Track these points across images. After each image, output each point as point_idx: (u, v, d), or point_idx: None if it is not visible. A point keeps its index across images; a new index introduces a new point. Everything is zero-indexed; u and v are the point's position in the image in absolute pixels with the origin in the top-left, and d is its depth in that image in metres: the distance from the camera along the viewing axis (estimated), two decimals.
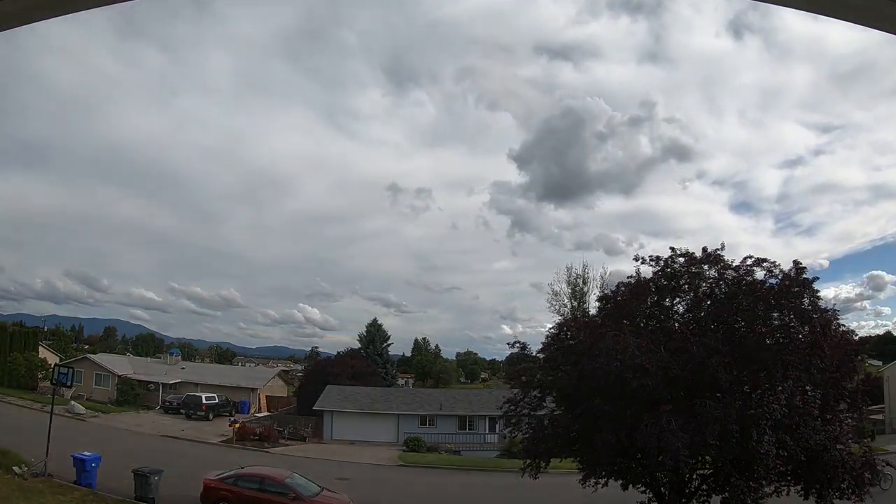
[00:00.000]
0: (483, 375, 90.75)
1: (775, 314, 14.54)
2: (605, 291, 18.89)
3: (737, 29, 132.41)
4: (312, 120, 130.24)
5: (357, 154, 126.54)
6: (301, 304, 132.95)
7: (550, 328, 17.32)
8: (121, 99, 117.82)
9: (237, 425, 33.01)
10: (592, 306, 32.95)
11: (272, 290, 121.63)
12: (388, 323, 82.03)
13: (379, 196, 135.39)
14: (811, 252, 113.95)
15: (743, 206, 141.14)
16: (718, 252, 15.29)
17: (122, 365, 47.37)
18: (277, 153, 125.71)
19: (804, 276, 14.50)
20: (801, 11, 2.98)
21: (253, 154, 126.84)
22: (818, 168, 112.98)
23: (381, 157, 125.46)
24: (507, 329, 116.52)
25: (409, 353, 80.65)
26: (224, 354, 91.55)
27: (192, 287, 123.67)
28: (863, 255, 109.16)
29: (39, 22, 2.78)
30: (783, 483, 13.62)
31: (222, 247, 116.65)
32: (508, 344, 17.61)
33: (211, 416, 38.95)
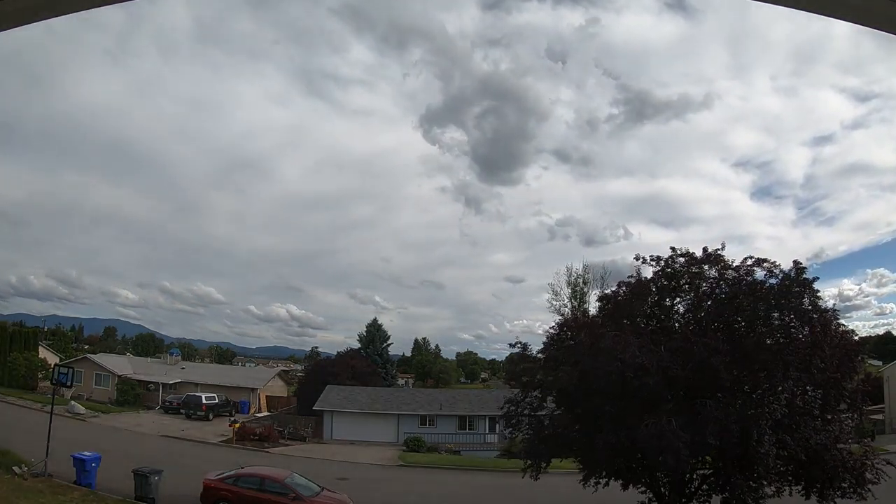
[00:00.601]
0: (483, 375, 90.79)
1: (775, 314, 14.54)
2: (606, 291, 18.89)
3: None
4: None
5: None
6: (284, 304, 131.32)
7: (551, 328, 17.33)
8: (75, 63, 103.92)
9: (237, 425, 33.00)
10: (592, 306, 32.96)
11: (260, 288, 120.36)
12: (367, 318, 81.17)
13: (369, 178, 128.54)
14: (831, 243, 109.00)
15: (764, 191, 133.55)
16: (719, 252, 15.30)
17: (122, 365, 47.37)
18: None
19: (804, 276, 14.50)
20: (801, 11, 2.98)
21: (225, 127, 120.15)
22: (850, 146, 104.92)
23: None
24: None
25: (409, 353, 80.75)
26: (224, 354, 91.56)
27: (172, 283, 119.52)
28: (882, 248, 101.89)
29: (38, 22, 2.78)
30: (784, 483, 13.61)
31: (202, 240, 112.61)
32: (510, 344, 17.64)
33: (211, 416, 38.95)
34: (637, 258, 16.03)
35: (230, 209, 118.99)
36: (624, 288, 16.19)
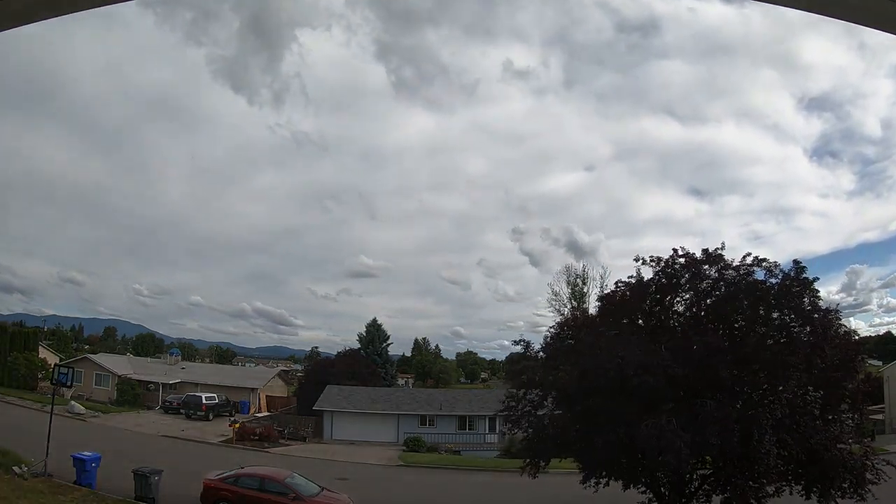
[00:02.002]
0: (483, 375, 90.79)
1: (776, 314, 14.54)
2: (605, 291, 18.89)
3: None
4: None
5: None
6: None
7: (551, 328, 17.33)
8: None
9: (237, 425, 33.01)
10: (593, 306, 32.95)
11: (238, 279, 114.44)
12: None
13: None
14: (886, 217, 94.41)
15: (826, 149, 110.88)
16: (719, 252, 15.30)
17: (122, 365, 47.38)
18: None
19: (804, 275, 14.50)
20: (801, 11, 2.98)
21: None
22: None
23: None
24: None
25: (409, 353, 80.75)
26: (224, 354, 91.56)
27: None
28: None
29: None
30: (784, 483, 13.62)
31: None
32: (514, 342, 17.63)
33: (211, 416, 38.95)
34: (637, 259, 16.04)
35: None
36: (624, 287, 16.19)
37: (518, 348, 17.40)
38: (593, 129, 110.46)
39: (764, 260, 14.99)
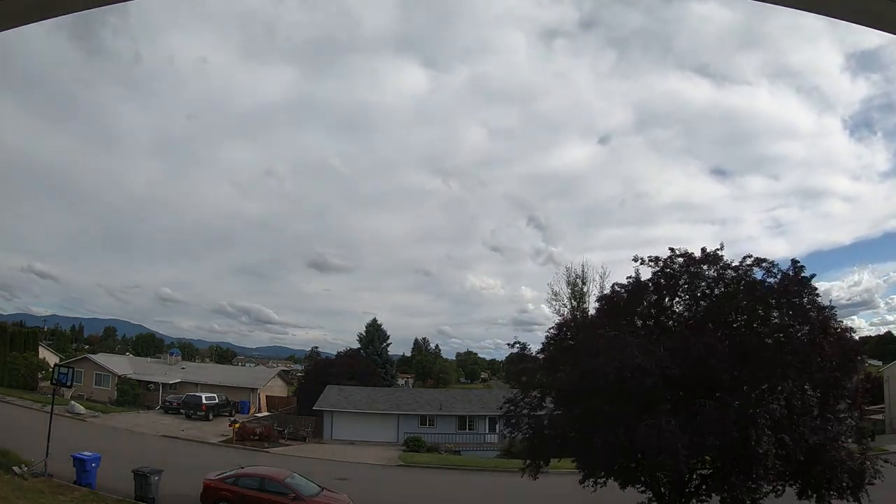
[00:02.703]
0: (483, 375, 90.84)
1: (774, 313, 14.54)
2: (604, 291, 18.87)
3: None
4: None
5: None
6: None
7: (550, 328, 17.31)
8: None
9: (237, 425, 33.03)
10: (592, 306, 32.94)
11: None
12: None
13: None
14: None
15: (866, 120, 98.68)
16: (718, 252, 15.31)
17: (122, 365, 47.41)
18: None
19: (803, 275, 14.51)
20: (801, 11, 2.99)
21: None
22: None
23: None
24: None
25: (409, 353, 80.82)
26: (224, 354, 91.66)
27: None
28: None
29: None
30: (783, 483, 13.62)
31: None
32: (508, 344, 17.63)
33: (211, 416, 38.98)
34: (635, 259, 16.03)
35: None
36: (622, 289, 16.19)
37: (515, 350, 17.41)
38: (611, 89, 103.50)
39: (763, 260, 15.02)
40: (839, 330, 14.51)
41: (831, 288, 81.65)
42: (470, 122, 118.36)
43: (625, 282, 16.15)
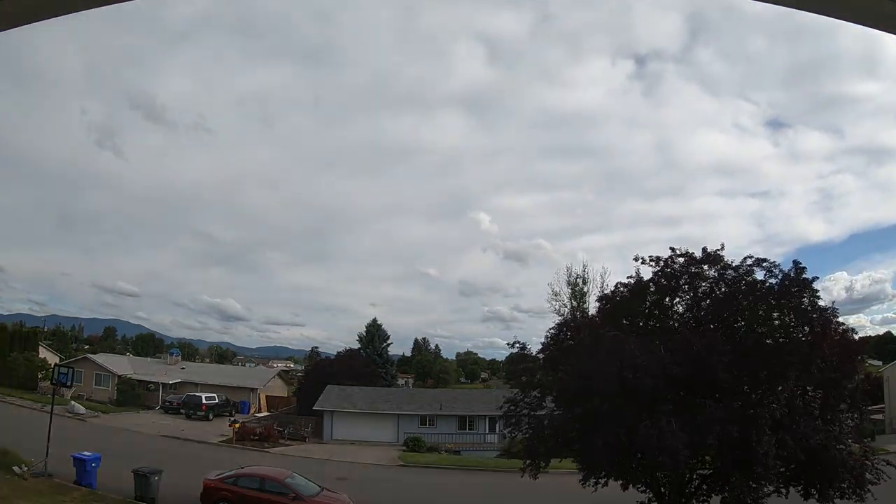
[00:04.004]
0: (483, 375, 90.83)
1: (775, 314, 14.54)
2: (606, 291, 18.87)
3: None
4: None
5: None
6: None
7: (550, 328, 17.30)
8: None
9: (237, 425, 33.03)
10: (592, 306, 32.93)
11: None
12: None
13: None
14: None
15: None
16: (718, 252, 15.31)
17: (122, 365, 47.41)
18: None
19: (804, 275, 14.51)
20: (802, 11, 2.98)
21: None
22: None
23: None
24: None
25: (409, 353, 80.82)
26: (224, 354, 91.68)
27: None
28: None
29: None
30: (783, 483, 13.62)
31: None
32: (508, 344, 17.62)
33: (211, 416, 38.98)
34: (636, 258, 16.04)
35: None
36: (623, 288, 16.19)
37: (515, 349, 17.40)
38: None
39: (764, 260, 15.02)
40: (840, 330, 14.51)
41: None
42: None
43: (626, 281, 16.19)
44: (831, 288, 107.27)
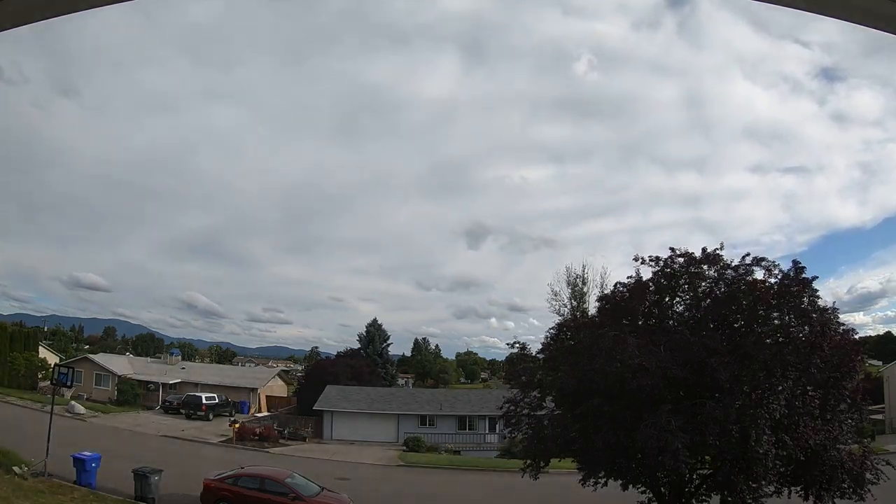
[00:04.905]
0: (483, 375, 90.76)
1: (775, 314, 14.54)
2: (605, 291, 18.89)
3: None
4: None
5: None
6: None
7: (550, 328, 17.31)
8: None
9: (237, 425, 33.03)
10: (592, 306, 32.93)
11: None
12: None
13: None
14: None
15: None
16: (718, 252, 15.33)
17: (122, 365, 47.41)
18: None
19: (803, 275, 14.51)
20: (802, 11, 2.98)
21: None
22: None
23: None
24: None
25: (409, 353, 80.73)
26: (224, 354, 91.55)
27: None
28: None
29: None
30: (783, 483, 13.62)
31: None
32: (508, 344, 17.65)
33: (211, 416, 38.96)
34: (636, 258, 16.07)
35: None
36: (623, 288, 16.20)
37: (515, 349, 17.42)
38: None
39: (763, 259, 15.04)
40: (840, 331, 14.52)
41: None
42: None
43: (625, 281, 16.20)
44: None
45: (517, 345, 17.32)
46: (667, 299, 15.84)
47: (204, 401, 39.83)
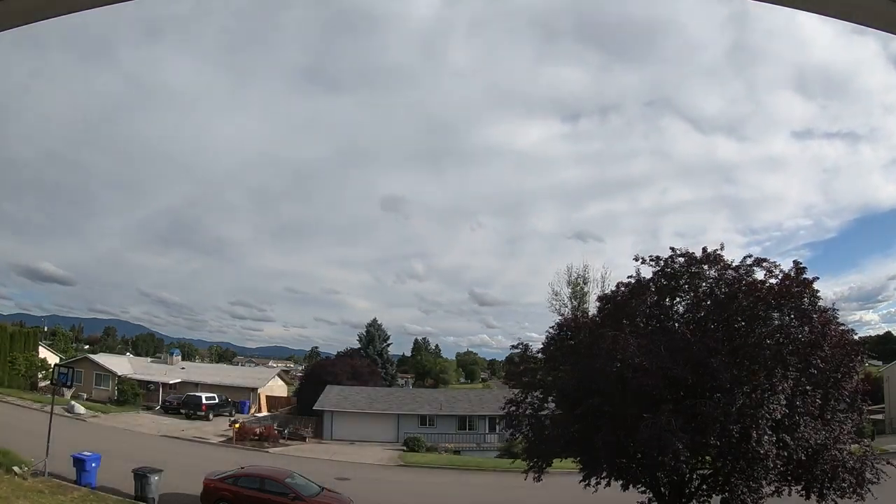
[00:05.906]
0: (483, 375, 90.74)
1: (775, 314, 14.54)
2: (605, 291, 18.89)
3: None
4: None
5: None
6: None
7: (550, 328, 17.32)
8: None
9: (237, 425, 33.02)
10: (592, 306, 32.90)
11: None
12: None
13: None
14: None
15: None
16: (718, 252, 15.32)
17: (122, 365, 47.38)
18: None
19: (804, 275, 14.51)
20: (801, 11, 2.98)
21: None
22: None
23: None
24: None
25: (409, 353, 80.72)
26: (224, 354, 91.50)
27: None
28: None
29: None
30: (783, 483, 13.62)
31: None
32: (513, 346, 17.69)
33: (211, 416, 38.95)
34: (636, 258, 16.07)
35: None
36: (623, 288, 16.20)
37: (517, 350, 17.42)
38: None
39: (764, 260, 15.05)
40: (839, 331, 14.52)
41: None
42: None
43: (626, 281, 16.21)
44: None
45: (520, 345, 17.33)
46: (667, 300, 15.84)
47: (204, 401, 39.82)
